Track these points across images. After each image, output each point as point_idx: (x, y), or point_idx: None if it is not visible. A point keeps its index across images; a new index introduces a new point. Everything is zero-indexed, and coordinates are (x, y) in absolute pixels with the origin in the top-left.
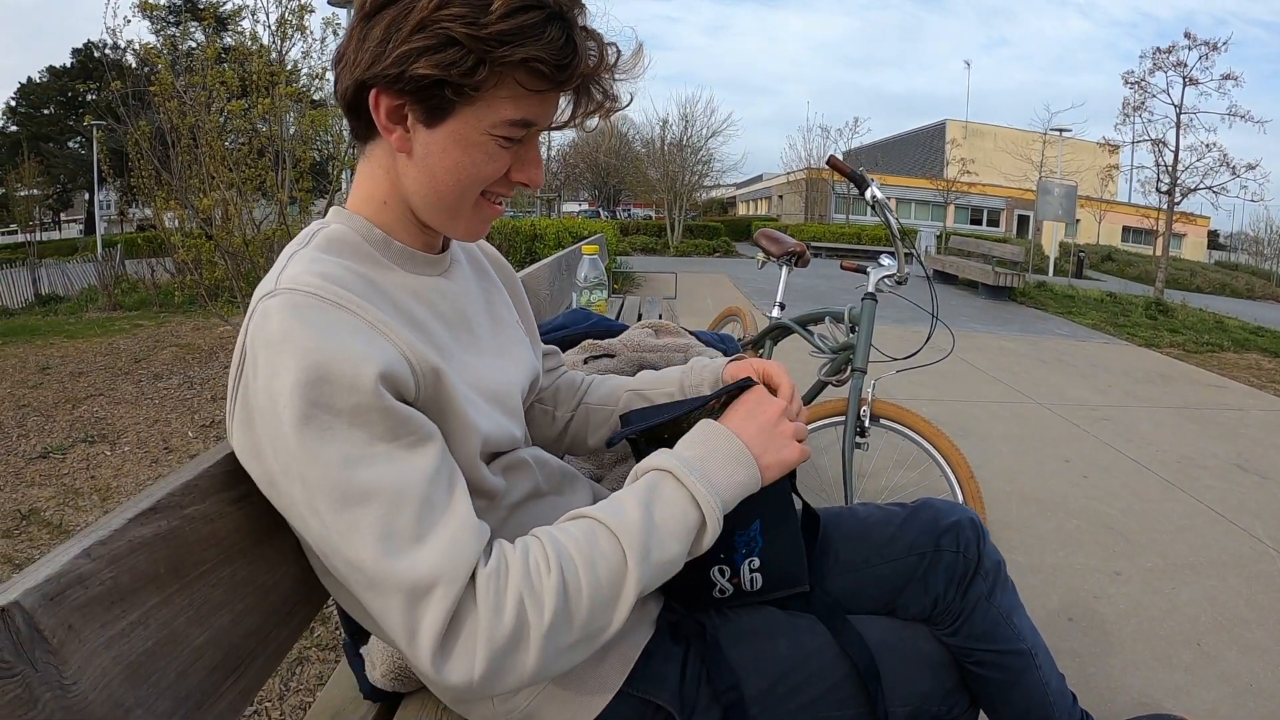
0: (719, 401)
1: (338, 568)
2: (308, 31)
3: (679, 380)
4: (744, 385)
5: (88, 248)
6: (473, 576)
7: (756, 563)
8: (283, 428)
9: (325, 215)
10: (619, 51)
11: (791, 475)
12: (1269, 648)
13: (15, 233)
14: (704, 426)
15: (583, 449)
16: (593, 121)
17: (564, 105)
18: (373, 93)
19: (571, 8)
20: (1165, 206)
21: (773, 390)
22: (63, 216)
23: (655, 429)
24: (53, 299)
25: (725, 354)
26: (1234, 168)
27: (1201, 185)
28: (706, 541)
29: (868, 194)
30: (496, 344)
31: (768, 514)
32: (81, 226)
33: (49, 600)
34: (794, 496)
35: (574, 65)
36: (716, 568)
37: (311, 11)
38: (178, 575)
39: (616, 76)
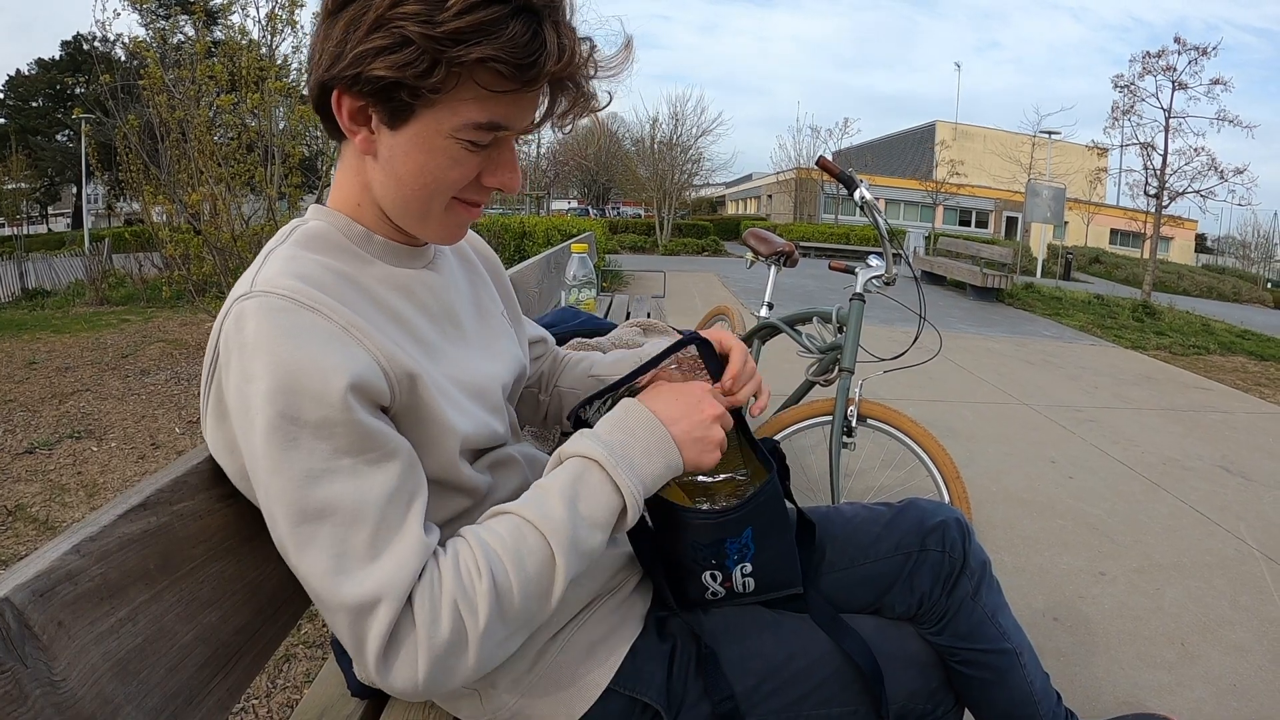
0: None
1: (292, 570)
2: (298, 26)
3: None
4: (688, 340)
5: (75, 242)
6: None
7: (749, 568)
8: (252, 433)
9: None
10: (594, 46)
11: (785, 481)
12: (1252, 648)
13: (3, 226)
14: (626, 407)
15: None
16: (571, 123)
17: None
18: (334, 93)
19: (544, 0)
20: (1153, 210)
21: (724, 357)
22: (50, 210)
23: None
24: (40, 293)
25: None
26: (1222, 172)
27: (1189, 189)
28: (626, 525)
29: (857, 194)
30: (481, 338)
31: (759, 521)
32: (69, 220)
33: (39, 597)
34: (787, 502)
35: (539, 63)
36: (709, 573)
37: (302, 5)
38: (167, 572)
39: (598, 74)
